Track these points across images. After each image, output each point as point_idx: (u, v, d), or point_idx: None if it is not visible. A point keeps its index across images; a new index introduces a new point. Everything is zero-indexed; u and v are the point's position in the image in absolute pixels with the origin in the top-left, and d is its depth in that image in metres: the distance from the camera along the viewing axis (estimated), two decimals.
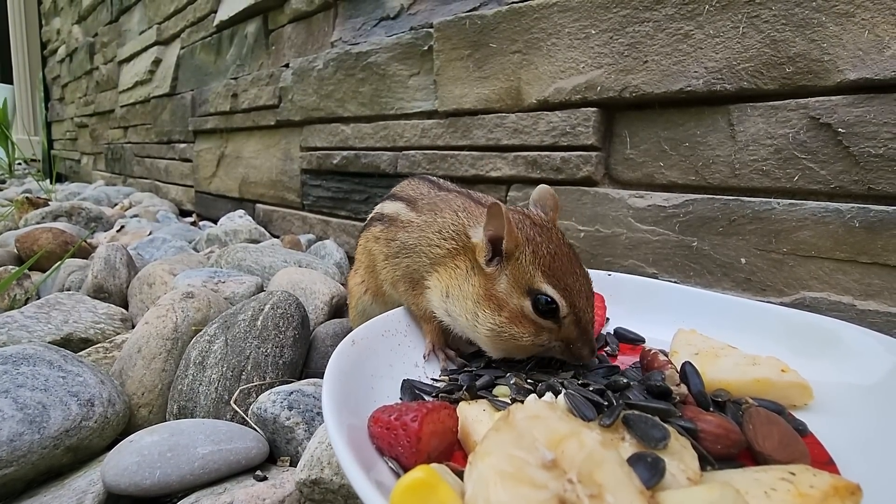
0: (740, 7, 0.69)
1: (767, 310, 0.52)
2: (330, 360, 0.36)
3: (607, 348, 0.52)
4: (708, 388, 0.40)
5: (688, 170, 0.76)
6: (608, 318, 0.58)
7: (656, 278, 0.78)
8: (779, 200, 0.67)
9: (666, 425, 0.31)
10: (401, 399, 0.41)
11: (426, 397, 0.41)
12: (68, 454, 0.49)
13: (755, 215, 0.69)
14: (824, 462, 0.33)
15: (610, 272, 0.70)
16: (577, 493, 0.21)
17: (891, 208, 0.58)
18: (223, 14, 1.89)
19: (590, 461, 0.23)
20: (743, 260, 0.70)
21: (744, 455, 0.34)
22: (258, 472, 0.45)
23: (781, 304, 0.67)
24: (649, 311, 0.57)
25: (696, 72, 0.73)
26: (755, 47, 0.68)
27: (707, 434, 0.32)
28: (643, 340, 0.54)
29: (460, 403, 0.37)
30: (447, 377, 0.45)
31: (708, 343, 0.46)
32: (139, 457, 0.42)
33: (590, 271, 0.52)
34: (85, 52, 3.51)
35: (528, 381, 0.41)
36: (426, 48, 1.12)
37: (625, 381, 0.37)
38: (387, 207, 0.58)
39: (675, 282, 0.77)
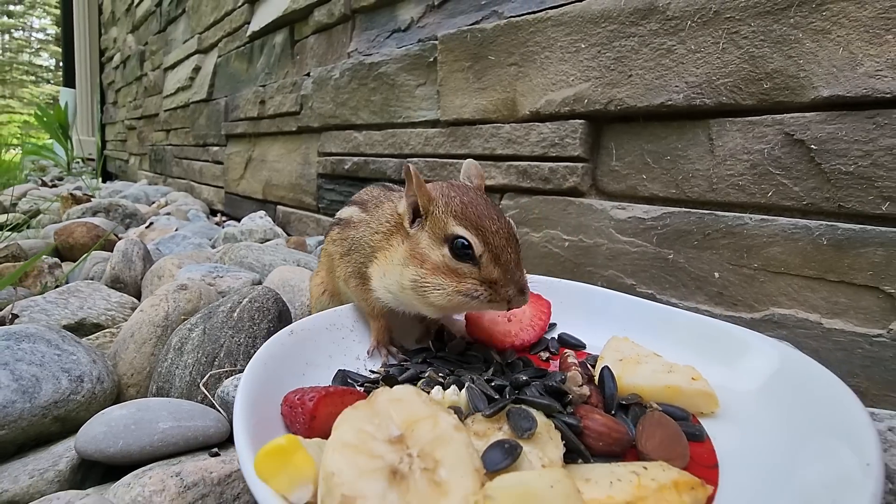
0: (721, 23, 0.69)
1: (705, 321, 0.53)
2: (262, 346, 0.40)
3: (544, 353, 0.54)
4: (623, 392, 0.41)
5: (668, 183, 0.76)
6: (554, 324, 0.60)
7: (634, 289, 0.79)
8: (751, 216, 0.66)
9: (537, 418, 0.33)
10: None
11: (357, 387, 0.44)
12: (56, 423, 0.55)
13: (728, 230, 0.68)
14: (710, 465, 0.34)
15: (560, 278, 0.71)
16: (410, 466, 0.24)
17: (858, 226, 0.58)
18: (255, 25, 1.99)
19: (437, 440, 0.25)
20: (716, 274, 0.70)
21: (633, 454, 0.35)
22: (213, 450, 0.49)
23: (752, 319, 0.67)
24: (597, 319, 0.58)
25: (676, 86, 0.73)
26: (734, 63, 0.68)
27: (590, 431, 0.34)
28: (584, 346, 0.55)
29: (375, 390, 0.40)
30: (384, 370, 0.48)
31: (635, 350, 0.47)
32: (106, 427, 0.47)
33: (545, 278, 0.54)
34: (136, 60, 3.75)
35: (443, 376, 0.43)
36: (432, 59, 1.16)
37: (524, 378, 0.39)
38: (344, 212, 0.62)
39: (650, 293, 0.77)
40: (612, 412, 0.38)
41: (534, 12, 0.93)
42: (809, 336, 0.62)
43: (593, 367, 0.46)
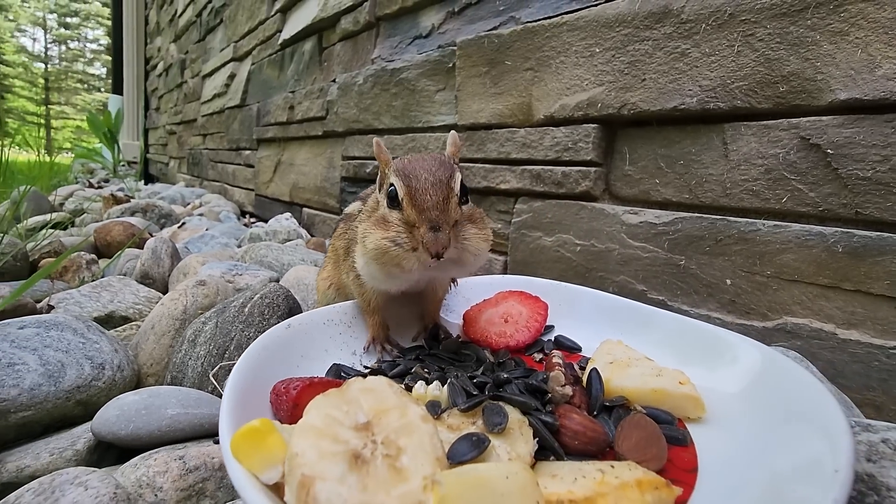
0: (736, 25, 0.68)
1: (699, 326, 0.51)
2: (259, 337, 0.41)
3: (538, 355, 0.54)
4: (611, 394, 0.41)
5: (682, 188, 0.75)
6: (552, 326, 0.59)
7: (645, 295, 0.78)
8: (764, 222, 0.65)
9: (511, 414, 0.33)
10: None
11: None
12: (79, 407, 0.58)
13: (741, 236, 0.67)
14: (689, 469, 0.34)
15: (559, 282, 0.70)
16: (373, 451, 0.25)
17: (875, 234, 0.55)
18: (286, 33, 2.06)
19: (403, 429, 0.26)
20: (728, 281, 0.68)
21: (611, 455, 0.35)
22: (217, 437, 0.51)
23: (764, 328, 0.65)
24: (595, 322, 0.58)
25: (690, 90, 0.72)
26: (749, 66, 0.67)
27: (567, 430, 0.34)
28: (580, 349, 0.55)
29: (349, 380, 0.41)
30: (376, 365, 0.49)
31: (627, 353, 0.46)
32: (119, 411, 0.50)
33: (544, 280, 0.54)
34: (178, 68, 3.93)
35: (429, 372, 0.44)
36: (451, 65, 1.18)
37: (505, 376, 0.39)
38: (349, 207, 0.64)
39: (661, 300, 0.76)
40: (595, 413, 0.38)
41: (550, 17, 0.94)
42: (824, 347, 0.60)
43: (585, 369, 0.46)
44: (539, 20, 0.96)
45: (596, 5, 0.86)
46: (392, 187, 0.47)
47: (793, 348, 0.61)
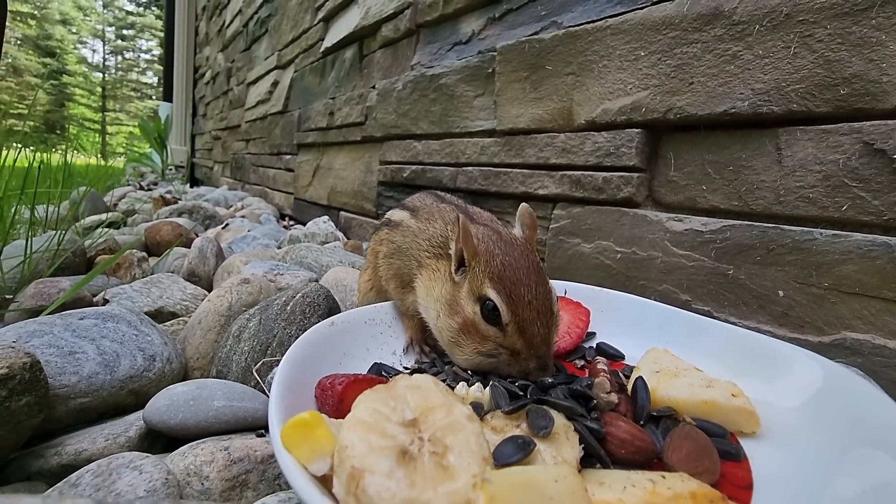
0: (793, 26, 0.65)
1: (749, 336, 0.49)
2: (304, 334, 0.42)
3: (579, 361, 0.52)
4: (657, 404, 0.39)
5: (731, 194, 0.72)
6: (594, 333, 0.58)
7: (689, 305, 0.75)
8: (822, 231, 0.61)
9: (556, 419, 0.32)
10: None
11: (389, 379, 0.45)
12: (131, 396, 0.61)
13: (795, 245, 0.64)
14: (743, 486, 0.32)
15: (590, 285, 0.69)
16: (420, 448, 0.25)
17: None
18: (328, 42, 2.12)
19: (449, 427, 0.26)
20: (781, 293, 0.65)
21: (659, 466, 0.33)
22: (260, 431, 0.52)
23: (820, 343, 0.61)
24: (638, 329, 0.56)
25: (741, 93, 0.70)
26: (807, 68, 0.64)
27: (613, 438, 0.33)
28: (623, 357, 0.53)
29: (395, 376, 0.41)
30: (417, 366, 0.49)
31: (674, 363, 0.44)
32: (169, 401, 0.52)
33: (585, 286, 0.53)
34: (224, 76, 4.09)
35: (470, 374, 0.44)
36: (490, 71, 1.18)
37: (549, 381, 0.39)
38: (395, 215, 0.64)
39: (707, 310, 0.73)
40: (642, 423, 0.37)
41: (593, 21, 0.93)
42: (888, 365, 0.56)
43: (629, 377, 0.45)
44: (581, 24, 0.95)
45: (641, 8, 0.84)
46: (490, 303, 0.46)
47: (853, 365, 0.57)
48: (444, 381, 0.43)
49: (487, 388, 0.38)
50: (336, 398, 0.35)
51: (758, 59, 0.69)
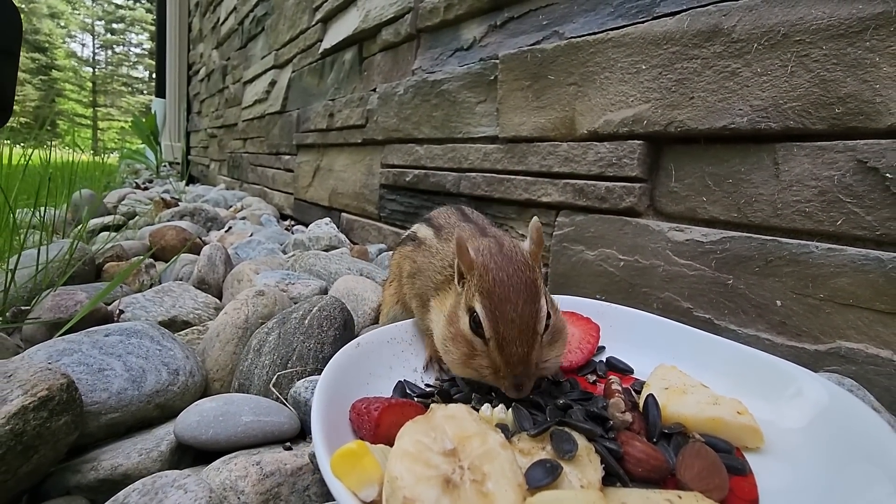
0: (790, 46, 0.68)
1: (755, 354, 0.52)
2: (334, 356, 0.45)
3: (591, 376, 0.55)
4: (667, 420, 0.42)
5: (730, 206, 0.75)
6: (603, 347, 0.61)
7: (691, 313, 0.78)
8: (817, 244, 0.64)
9: (579, 441, 0.35)
10: (391, 396, 0.48)
11: (414, 398, 0.48)
12: (157, 410, 0.63)
13: (792, 257, 0.67)
14: (749, 500, 0.35)
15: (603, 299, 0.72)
16: (462, 476, 0.27)
17: None
18: (327, 43, 2.12)
19: (485, 455, 0.29)
20: (778, 302, 0.68)
21: (672, 482, 0.36)
22: (287, 444, 0.55)
23: (816, 351, 0.65)
24: (646, 344, 0.59)
25: (740, 109, 0.73)
26: (803, 86, 0.67)
27: (630, 457, 0.36)
28: (632, 371, 0.56)
29: (432, 405, 0.44)
30: (437, 384, 0.52)
31: (682, 379, 0.47)
32: (199, 417, 0.54)
33: (594, 301, 0.55)
34: (219, 74, 4.07)
35: (493, 393, 0.46)
36: (492, 78, 1.20)
37: (565, 402, 0.41)
38: (420, 231, 0.66)
39: (708, 318, 0.76)
40: (654, 440, 0.40)
41: (595, 33, 0.95)
42: (881, 374, 0.59)
43: (639, 392, 0.48)
44: (583, 36, 0.97)
45: (642, 23, 0.86)
46: (476, 315, 0.46)
47: (847, 373, 0.60)
48: (461, 399, 0.46)
49: (510, 410, 0.41)
50: (373, 423, 0.38)
51: (756, 77, 0.71)
